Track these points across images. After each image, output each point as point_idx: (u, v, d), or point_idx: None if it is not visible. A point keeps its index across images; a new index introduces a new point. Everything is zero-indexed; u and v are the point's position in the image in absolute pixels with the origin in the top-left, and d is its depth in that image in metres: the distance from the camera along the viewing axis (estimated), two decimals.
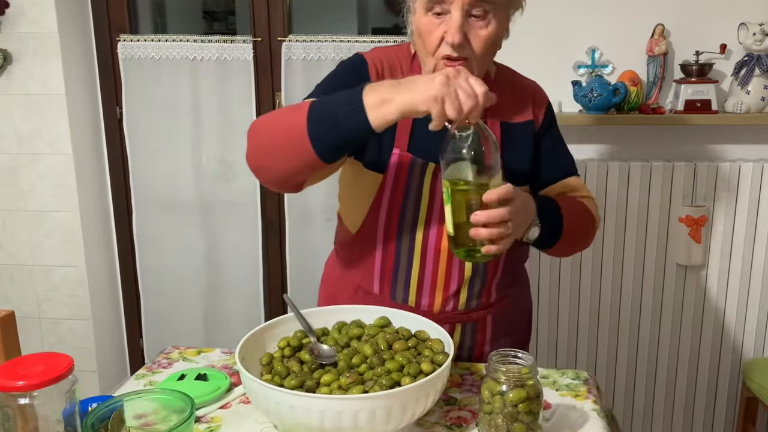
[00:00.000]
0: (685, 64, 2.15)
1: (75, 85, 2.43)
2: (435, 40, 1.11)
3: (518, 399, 0.95)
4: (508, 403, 0.96)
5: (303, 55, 2.37)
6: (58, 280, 2.54)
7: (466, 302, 1.27)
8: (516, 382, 0.96)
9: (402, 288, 1.27)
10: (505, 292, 1.33)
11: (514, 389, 0.96)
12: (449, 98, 0.94)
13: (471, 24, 1.10)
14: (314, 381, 1.02)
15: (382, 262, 1.27)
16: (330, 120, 0.98)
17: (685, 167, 2.18)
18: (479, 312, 1.30)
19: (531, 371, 0.98)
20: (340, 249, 1.36)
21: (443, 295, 1.26)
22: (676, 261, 2.25)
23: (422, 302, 1.26)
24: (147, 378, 1.26)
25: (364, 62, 1.20)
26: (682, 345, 2.32)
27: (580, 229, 1.25)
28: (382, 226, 1.24)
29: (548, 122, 1.30)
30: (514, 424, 0.97)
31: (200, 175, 2.52)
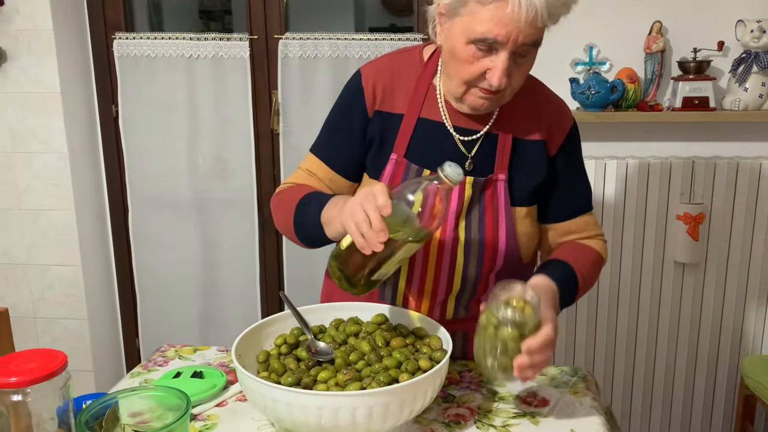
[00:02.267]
0: (682, 62, 2.15)
1: (70, 82, 2.42)
2: (475, 72, 1.05)
3: (511, 337, 0.97)
4: (501, 337, 0.98)
5: (299, 52, 2.37)
6: (53, 279, 2.53)
7: (454, 311, 1.25)
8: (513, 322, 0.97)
9: (390, 290, 1.25)
10: None
11: (508, 326, 0.97)
12: (350, 228, 0.95)
13: (515, 62, 1.05)
14: (311, 378, 1.01)
15: None
16: (305, 232, 1.15)
17: (683, 164, 2.18)
18: (469, 322, 1.23)
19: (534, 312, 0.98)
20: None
21: (430, 302, 1.23)
22: (674, 258, 2.25)
23: (409, 306, 1.24)
24: (142, 376, 1.24)
25: (359, 80, 1.19)
26: (680, 343, 2.32)
27: (592, 282, 1.22)
28: None
29: (568, 149, 1.21)
30: (503, 356, 0.98)
31: (196, 173, 2.51)
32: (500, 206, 1.16)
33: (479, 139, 1.17)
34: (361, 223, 0.92)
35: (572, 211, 1.24)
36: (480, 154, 1.17)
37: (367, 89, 1.18)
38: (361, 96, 1.18)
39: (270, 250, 2.61)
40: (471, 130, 1.17)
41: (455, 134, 1.17)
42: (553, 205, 1.23)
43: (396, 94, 1.18)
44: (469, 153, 1.17)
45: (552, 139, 1.20)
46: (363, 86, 1.18)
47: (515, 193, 1.17)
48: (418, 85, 1.18)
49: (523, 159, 1.18)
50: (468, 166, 1.17)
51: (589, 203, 1.27)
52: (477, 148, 1.17)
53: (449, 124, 1.17)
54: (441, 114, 1.17)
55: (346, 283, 1.01)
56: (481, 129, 1.17)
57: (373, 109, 1.19)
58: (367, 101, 1.18)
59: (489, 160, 1.17)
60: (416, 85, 1.18)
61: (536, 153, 1.19)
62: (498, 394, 1.16)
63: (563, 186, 1.22)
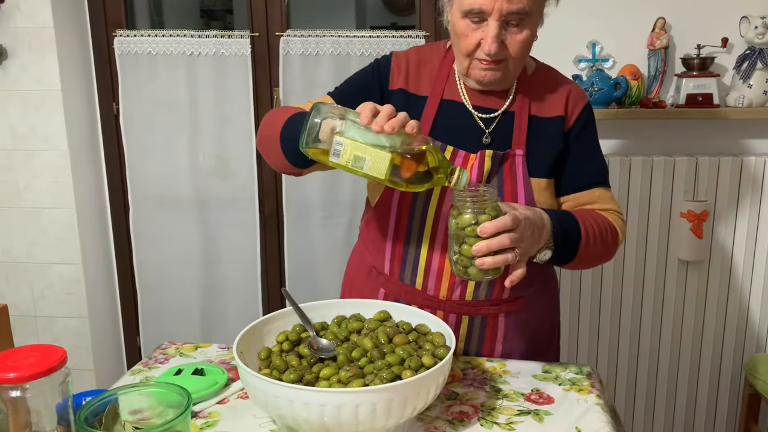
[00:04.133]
0: (686, 58, 2.14)
1: (71, 80, 2.41)
2: (471, 44, 1.16)
3: (468, 223, 1.01)
4: (460, 224, 1.02)
5: (301, 50, 2.36)
6: (54, 277, 2.52)
7: (473, 292, 1.26)
8: (472, 209, 1.02)
9: (410, 270, 1.27)
10: (521, 292, 1.29)
11: (464, 215, 1.02)
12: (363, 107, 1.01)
13: (507, 30, 1.14)
14: (313, 375, 1.00)
15: (393, 242, 1.28)
16: (292, 134, 1.09)
17: (687, 162, 2.17)
18: (489, 307, 1.28)
19: (489, 197, 1.02)
20: (363, 229, 1.39)
21: (450, 282, 1.25)
22: (677, 256, 2.24)
23: (429, 286, 1.26)
24: (143, 373, 1.24)
25: (389, 61, 1.28)
26: (683, 341, 2.31)
27: (599, 248, 1.22)
28: (396, 203, 1.25)
29: (582, 124, 1.28)
30: (462, 245, 1.03)
31: (197, 171, 2.50)
32: (518, 177, 1.22)
33: (497, 117, 1.24)
34: (371, 107, 0.99)
35: (587, 182, 1.28)
36: (498, 131, 1.24)
37: (395, 67, 1.27)
38: (387, 69, 1.27)
39: (271, 247, 2.60)
40: (490, 109, 1.25)
41: (474, 112, 1.24)
42: (569, 177, 1.27)
43: (422, 78, 1.27)
44: (487, 129, 1.24)
45: (568, 114, 1.26)
46: (392, 63, 1.27)
47: (533, 165, 1.23)
48: (441, 71, 1.27)
49: (541, 134, 1.24)
50: (485, 140, 1.23)
51: (604, 178, 1.30)
52: (495, 125, 1.24)
53: (468, 103, 1.25)
54: (461, 95, 1.26)
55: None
56: (499, 108, 1.24)
57: (397, 87, 1.26)
58: (391, 75, 1.27)
59: (507, 136, 1.24)
60: (439, 70, 1.27)
61: (553, 128, 1.25)
62: (502, 391, 1.16)
63: (578, 158, 1.27)
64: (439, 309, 1.27)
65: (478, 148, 1.22)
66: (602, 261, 1.29)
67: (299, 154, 1.06)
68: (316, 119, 1.00)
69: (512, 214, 1.02)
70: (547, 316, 1.39)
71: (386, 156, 0.98)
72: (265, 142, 1.20)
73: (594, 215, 1.24)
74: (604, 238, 1.23)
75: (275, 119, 1.18)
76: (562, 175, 1.28)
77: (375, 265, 1.33)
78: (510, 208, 1.05)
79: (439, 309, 1.27)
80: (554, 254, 1.15)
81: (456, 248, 1.05)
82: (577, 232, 1.17)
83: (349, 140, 0.98)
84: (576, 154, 1.27)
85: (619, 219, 1.30)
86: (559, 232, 1.13)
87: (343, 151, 0.98)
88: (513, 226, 1.01)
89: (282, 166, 1.18)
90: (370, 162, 0.98)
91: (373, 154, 0.98)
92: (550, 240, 1.13)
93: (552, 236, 1.13)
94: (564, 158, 1.27)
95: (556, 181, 1.28)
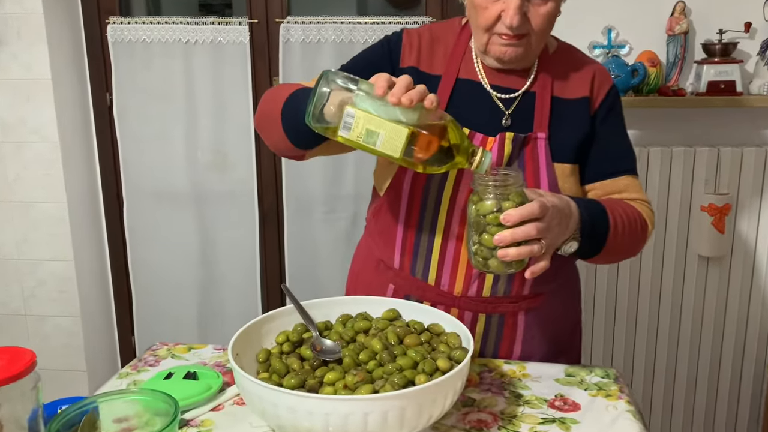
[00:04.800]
0: (707, 44, 2.09)
1: (62, 69, 2.36)
2: (491, 17, 1.09)
3: (486, 210, 0.94)
4: (481, 211, 0.95)
5: (302, 37, 2.31)
6: (45, 274, 2.48)
7: (491, 288, 1.19)
8: (494, 193, 0.94)
9: (422, 264, 1.21)
10: (542, 288, 1.22)
11: (486, 201, 0.95)
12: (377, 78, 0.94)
13: (530, 2, 1.08)
14: (317, 380, 0.94)
15: (404, 234, 1.21)
16: (295, 107, 1.02)
17: (708, 153, 2.13)
18: (508, 304, 1.21)
19: (513, 182, 0.95)
20: (369, 220, 1.34)
21: (465, 276, 1.18)
22: (697, 252, 2.20)
23: (442, 281, 1.20)
24: (131, 377, 1.17)
25: (400, 38, 1.22)
26: (703, 340, 2.27)
27: (628, 241, 1.15)
28: (407, 189, 1.18)
29: (608, 106, 1.21)
30: (483, 235, 0.95)
31: (194, 164, 2.46)
32: (541, 162, 1.16)
33: (518, 97, 1.18)
34: (387, 77, 0.91)
35: (613, 170, 1.22)
36: (518, 112, 1.18)
37: (406, 44, 1.20)
38: (399, 46, 1.21)
39: (271, 244, 2.56)
40: (509, 89, 1.18)
41: (492, 92, 1.18)
42: (594, 164, 1.21)
43: (435, 57, 1.20)
44: (507, 110, 1.18)
45: (594, 96, 1.20)
46: (403, 40, 1.21)
47: (557, 149, 1.17)
48: (456, 48, 1.21)
49: (565, 117, 1.18)
50: (505, 122, 1.17)
51: (632, 166, 1.24)
52: (515, 106, 1.18)
53: (486, 82, 1.19)
54: (477, 74, 1.19)
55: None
56: (519, 88, 1.18)
57: (409, 64, 1.20)
58: (403, 52, 1.20)
59: (528, 118, 1.17)
60: (454, 48, 1.21)
61: (578, 110, 1.19)
62: (522, 397, 1.08)
63: (604, 144, 1.21)
64: (454, 306, 1.20)
65: (497, 131, 1.16)
66: (629, 255, 1.22)
67: (302, 132, 0.99)
68: (325, 88, 0.92)
69: (539, 201, 0.94)
70: (568, 314, 1.32)
71: (403, 131, 0.89)
72: (265, 120, 1.13)
73: (623, 205, 1.17)
74: (634, 229, 1.16)
75: (276, 95, 1.11)
76: (587, 162, 1.21)
77: (383, 258, 1.27)
78: (536, 195, 0.98)
79: (454, 306, 1.20)
80: (580, 246, 1.07)
81: (476, 238, 0.97)
82: (606, 222, 1.10)
83: (362, 112, 0.89)
84: (602, 138, 1.20)
85: (649, 210, 1.23)
86: (587, 222, 1.06)
87: (354, 124, 0.90)
88: (540, 215, 0.93)
89: (283, 147, 1.11)
90: (384, 137, 0.89)
91: (389, 128, 0.89)
92: (576, 231, 1.05)
93: (579, 226, 1.05)
94: (589, 143, 1.20)
95: (581, 167, 1.21)
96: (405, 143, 0.89)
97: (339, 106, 0.91)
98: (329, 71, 0.93)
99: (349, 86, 0.92)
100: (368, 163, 2.35)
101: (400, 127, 0.89)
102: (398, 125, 0.89)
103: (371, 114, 0.89)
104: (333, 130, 0.92)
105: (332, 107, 0.91)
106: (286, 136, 1.07)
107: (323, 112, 0.92)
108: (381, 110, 0.90)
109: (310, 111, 0.92)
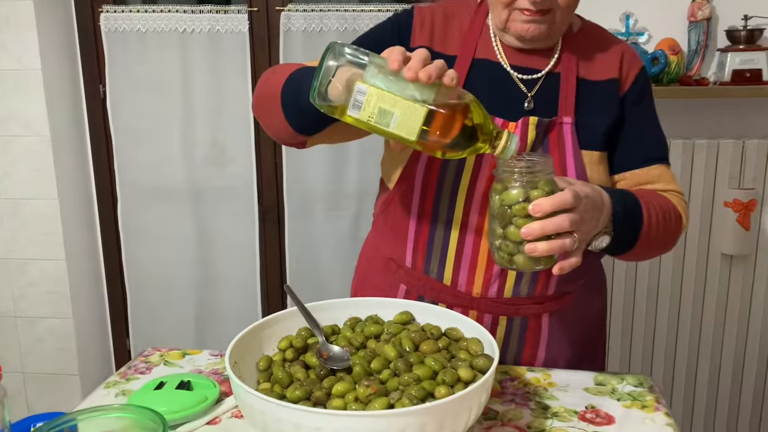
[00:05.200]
0: (731, 30, 2.04)
1: (53, 60, 2.31)
2: None
3: (512, 200, 0.86)
4: (501, 202, 0.87)
5: (303, 26, 2.27)
6: (35, 274, 2.43)
7: (513, 288, 1.11)
8: (521, 181, 0.86)
9: (437, 262, 1.13)
10: (568, 287, 1.14)
11: (512, 190, 0.86)
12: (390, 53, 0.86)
13: None
14: (324, 391, 0.86)
15: (416, 229, 1.13)
16: (296, 90, 0.95)
17: (733, 145, 2.09)
18: (531, 305, 1.13)
19: (542, 168, 0.86)
20: (377, 215, 1.26)
21: (485, 275, 1.10)
22: (720, 251, 2.16)
23: (459, 281, 1.12)
24: (120, 386, 1.09)
25: (411, 15, 1.15)
26: (726, 342, 2.23)
27: (662, 236, 1.07)
28: (420, 179, 1.10)
29: (639, 90, 1.14)
30: (508, 228, 0.87)
31: (191, 159, 2.43)
32: (567, 149, 1.08)
33: (540, 79, 1.11)
34: (401, 51, 0.83)
35: (644, 158, 1.14)
36: (541, 95, 1.10)
37: (417, 22, 1.13)
38: (409, 24, 1.13)
39: (271, 242, 2.52)
40: (531, 69, 1.11)
41: (513, 73, 1.11)
42: (625, 151, 1.14)
43: (449, 36, 1.13)
44: (529, 92, 1.10)
45: (623, 77, 1.13)
46: (414, 17, 1.14)
47: (584, 136, 1.10)
48: (472, 26, 1.14)
49: (592, 100, 1.11)
50: (527, 105, 1.10)
51: (664, 154, 1.17)
52: (538, 88, 1.10)
53: (505, 62, 1.11)
54: (496, 53, 1.12)
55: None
56: (542, 69, 1.11)
57: (420, 44, 1.11)
58: (413, 30, 1.12)
59: (552, 102, 1.10)
60: (469, 26, 1.14)
61: (607, 92, 1.12)
62: (550, 409, 1.00)
63: (636, 129, 1.14)
64: (472, 308, 1.12)
65: (519, 115, 1.08)
66: (662, 252, 1.14)
67: (305, 115, 0.92)
68: (332, 62, 0.82)
69: (572, 189, 0.86)
70: (595, 316, 1.24)
71: (420, 110, 0.80)
72: (263, 102, 1.05)
73: (656, 196, 1.10)
74: (668, 223, 1.08)
75: (276, 75, 1.03)
76: (616, 149, 1.13)
77: (393, 256, 1.19)
78: (566, 183, 0.89)
79: (472, 308, 1.12)
80: (612, 241, 0.99)
81: (500, 231, 0.88)
82: (639, 215, 1.02)
83: (374, 89, 0.80)
84: (633, 124, 1.13)
85: (683, 202, 1.16)
86: (619, 215, 0.98)
87: (365, 102, 0.80)
88: (573, 205, 0.85)
89: (283, 132, 1.03)
90: (400, 117, 0.80)
91: (404, 107, 0.80)
92: (609, 224, 0.97)
93: (611, 219, 0.97)
94: (619, 128, 1.13)
95: (610, 155, 1.13)
96: (422, 124, 0.80)
97: (347, 83, 0.82)
98: (336, 43, 0.84)
99: (360, 60, 0.82)
100: (373, 158, 2.29)
101: (417, 105, 0.80)
102: (415, 104, 0.80)
103: (384, 91, 0.80)
104: (341, 110, 0.83)
105: (339, 85, 0.82)
106: (286, 120, 0.99)
107: (329, 90, 0.83)
108: (394, 87, 0.81)
109: (315, 88, 0.83)
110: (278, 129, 1.03)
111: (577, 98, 1.10)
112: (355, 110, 0.81)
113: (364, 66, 0.82)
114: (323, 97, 0.84)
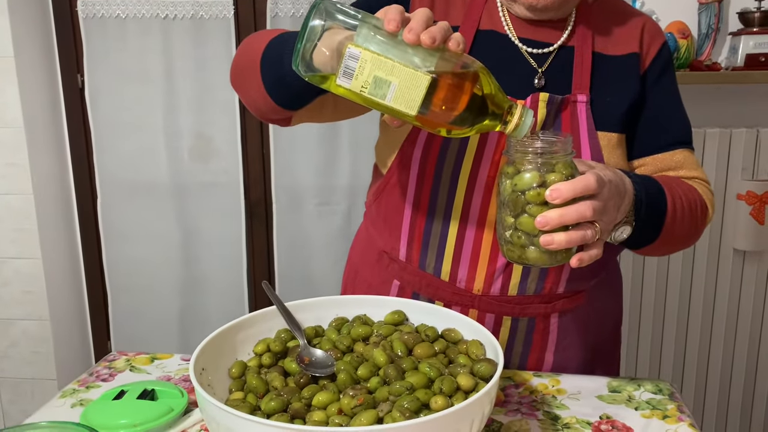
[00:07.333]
0: (745, 12, 1.99)
1: (26, 46, 2.27)
2: None
3: (525, 185, 0.77)
4: (513, 188, 0.78)
5: (291, 11, 2.23)
6: (9, 274, 2.40)
7: (519, 285, 1.03)
8: (536, 163, 0.77)
9: (434, 255, 1.06)
10: (580, 285, 1.06)
11: (525, 173, 0.77)
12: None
13: None
14: (304, 402, 0.78)
15: (412, 218, 1.06)
16: (277, 56, 0.86)
17: (746, 134, 2.05)
18: (538, 305, 1.05)
19: (561, 149, 0.77)
20: (370, 204, 1.19)
21: (487, 270, 1.03)
22: (733, 246, 2.13)
23: (459, 277, 1.05)
24: (78, 395, 1.00)
25: None
26: (738, 341, 2.19)
27: (687, 228, 1.00)
28: (417, 162, 1.02)
29: (661, 66, 1.06)
30: (520, 216, 0.79)
31: (175, 152, 2.40)
32: (581, 130, 1.01)
33: (552, 53, 1.03)
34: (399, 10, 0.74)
35: (667, 141, 1.07)
36: (553, 70, 1.02)
37: None
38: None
39: (258, 240, 2.50)
40: (541, 43, 1.03)
41: (522, 46, 1.03)
42: (646, 133, 1.06)
43: (451, 4, 1.06)
44: (540, 68, 1.03)
45: (644, 52, 1.05)
46: None
47: (600, 115, 1.02)
48: None
49: (609, 77, 1.03)
50: (538, 82, 1.02)
51: (688, 137, 1.09)
52: (549, 63, 1.03)
53: (513, 35, 1.04)
54: (503, 24, 1.04)
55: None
56: (554, 42, 1.03)
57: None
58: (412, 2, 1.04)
59: (565, 78, 1.02)
60: None
61: (625, 68, 1.04)
62: (561, 419, 0.91)
63: (658, 110, 1.06)
64: (473, 307, 1.04)
65: (529, 92, 0.99)
66: (685, 245, 1.05)
67: (288, 85, 0.84)
68: (318, 21, 0.71)
69: (594, 173, 0.76)
70: (609, 317, 1.16)
71: (423, 78, 0.69)
72: (241, 72, 0.96)
73: (681, 184, 1.01)
74: (694, 214, 0.99)
75: (256, 42, 0.93)
76: (636, 130, 1.05)
77: (386, 249, 1.12)
78: (587, 167, 0.80)
79: (473, 307, 1.04)
80: (633, 232, 0.90)
81: (510, 221, 0.79)
82: (663, 204, 0.93)
83: (369, 53, 0.69)
84: (655, 103, 1.05)
85: (708, 191, 1.07)
86: (642, 203, 0.89)
87: (358, 69, 0.69)
88: (597, 191, 0.76)
89: (263, 105, 0.93)
90: (398, 87, 0.69)
91: (404, 75, 0.69)
92: (631, 213, 0.88)
93: (633, 208, 0.88)
94: (639, 108, 1.05)
95: (629, 137, 1.06)
96: (424, 95, 0.70)
97: (337, 47, 0.71)
98: (323, 0, 0.72)
99: (351, 20, 0.71)
100: (366, 149, 2.20)
101: (419, 73, 0.69)
102: (417, 71, 0.69)
103: (381, 56, 0.69)
104: (329, 80, 0.72)
105: (326, 49, 0.71)
106: (266, 92, 0.89)
107: (315, 55, 0.72)
108: (392, 52, 0.70)
109: (299, 52, 0.72)
110: (258, 103, 0.93)
111: (593, 74, 1.02)
112: (345, 79, 0.70)
113: (355, 27, 0.71)
114: (308, 64, 0.73)
